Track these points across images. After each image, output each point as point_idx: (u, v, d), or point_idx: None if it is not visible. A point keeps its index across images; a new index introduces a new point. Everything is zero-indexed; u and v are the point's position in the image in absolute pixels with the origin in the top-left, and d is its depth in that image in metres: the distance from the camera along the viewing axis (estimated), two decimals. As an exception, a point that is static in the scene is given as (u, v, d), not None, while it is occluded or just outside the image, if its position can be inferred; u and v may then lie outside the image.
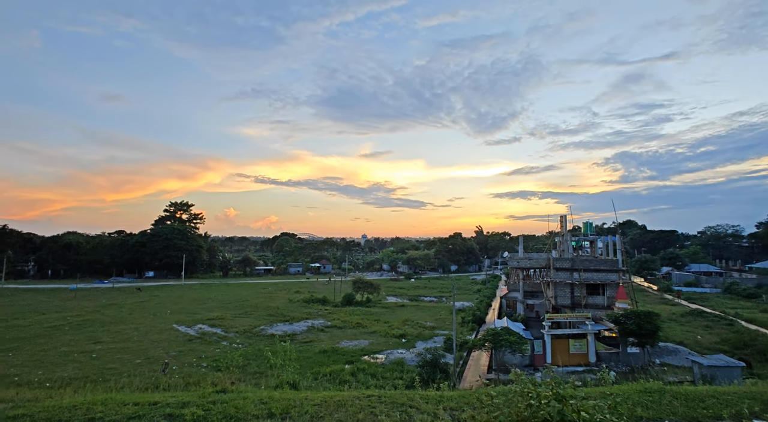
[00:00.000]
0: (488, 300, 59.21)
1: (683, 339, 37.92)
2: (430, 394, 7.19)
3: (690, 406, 5.79)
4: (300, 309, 55.34)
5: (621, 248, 39.38)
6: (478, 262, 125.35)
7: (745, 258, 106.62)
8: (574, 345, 32.91)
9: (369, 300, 61.80)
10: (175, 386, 21.03)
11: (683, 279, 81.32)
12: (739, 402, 5.86)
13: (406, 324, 44.66)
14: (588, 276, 37.98)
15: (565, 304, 38.38)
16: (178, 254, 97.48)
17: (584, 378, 25.55)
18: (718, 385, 8.26)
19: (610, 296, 37.95)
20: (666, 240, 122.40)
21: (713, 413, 5.61)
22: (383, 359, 32.64)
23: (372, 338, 39.27)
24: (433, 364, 26.74)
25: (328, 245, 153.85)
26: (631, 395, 6.20)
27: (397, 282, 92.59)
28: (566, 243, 43.08)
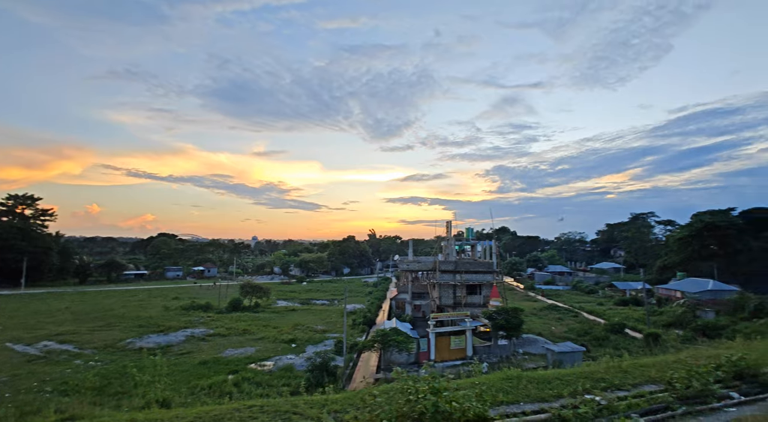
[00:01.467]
0: (379, 302, 61.08)
1: (541, 330, 43.78)
2: (315, 399, 7.10)
3: (540, 388, 6.73)
4: (178, 317, 50.20)
5: (496, 252, 44.21)
6: (370, 265, 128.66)
7: (588, 260, 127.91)
8: (454, 342, 35.69)
9: (258, 305, 58.95)
10: (5, 419, 17.27)
11: (543, 278, 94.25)
12: (576, 381, 6.99)
13: (296, 329, 43.64)
14: (468, 278, 41.68)
15: (448, 304, 41.49)
16: (16, 257, 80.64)
17: (461, 371, 27.95)
18: (564, 368, 9.76)
19: (485, 295, 42.14)
20: (531, 245, 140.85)
21: (557, 392, 6.59)
22: (271, 366, 31.38)
23: (260, 344, 37.49)
24: (322, 368, 26.56)
25: (214, 247, 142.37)
26: (495, 383, 6.96)
27: (289, 286, 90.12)
28: (451, 248, 46.78)
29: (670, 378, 6.87)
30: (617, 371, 7.66)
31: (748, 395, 6.61)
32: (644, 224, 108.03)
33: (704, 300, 54.15)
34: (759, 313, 42.88)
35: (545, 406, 6.00)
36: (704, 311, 49.63)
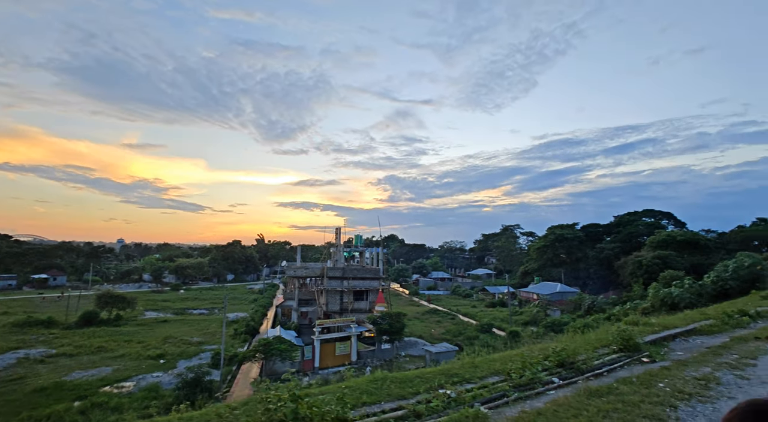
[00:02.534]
0: (264, 309, 58.50)
1: (422, 332, 46.54)
2: (171, 418, 6.51)
3: (402, 387, 7.19)
4: (7, 336, 41.33)
5: (383, 259, 45.91)
6: (257, 271, 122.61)
7: (467, 267, 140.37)
8: (339, 348, 35.90)
9: (119, 317, 51.66)
10: None
11: (426, 284, 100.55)
12: (434, 378, 7.64)
13: (166, 343, 39.33)
14: (355, 284, 42.44)
15: (335, 310, 41.63)
16: None
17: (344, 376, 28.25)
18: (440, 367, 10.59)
19: (371, 301, 43.34)
20: (418, 252, 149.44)
21: (415, 390, 7.12)
22: (131, 387, 27.74)
23: (119, 363, 32.89)
24: (194, 384, 24.40)
25: (64, 251, 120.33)
26: (360, 385, 7.23)
27: (162, 295, 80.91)
28: (339, 254, 47.17)
29: (509, 369, 7.93)
30: (470, 366, 8.57)
31: (566, 379, 7.95)
32: (512, 235, 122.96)
33: (553, 300, 63.54)
34: (591, 310, 51.77)
35: (403, 403, 6.43)
36: (553, 310, 58.20)
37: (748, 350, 10.52)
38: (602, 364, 9.05)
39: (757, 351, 10.46)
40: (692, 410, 6.20)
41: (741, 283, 35.45)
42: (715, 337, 12.77)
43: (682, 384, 7.41)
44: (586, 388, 6.90)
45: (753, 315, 17.01)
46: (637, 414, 5.89)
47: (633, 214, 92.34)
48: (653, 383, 7.45)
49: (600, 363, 9.11)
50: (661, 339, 11.93)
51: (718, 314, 16.90)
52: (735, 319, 15.72)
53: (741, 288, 35.00)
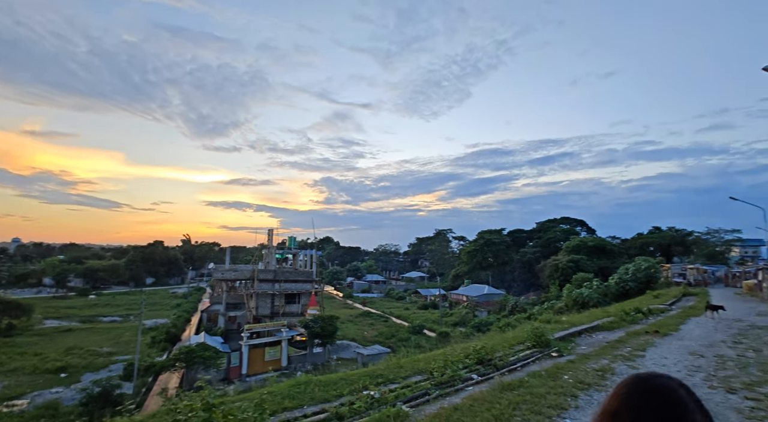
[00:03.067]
0: (188, 315, 54.79)
1: (355, 335, 46.50)
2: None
3: (326, 390, 7.13)
4: None
5: (316, 261, 45.24)
6: (182, 274, 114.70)
7: (401, 270, 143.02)
8: (269, 353, 34.67)
9: (12, 327, 45.47)
10: None
11: (361, 287, 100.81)
12: (359, 380, 7.67)
13: (70, 354, 35.31)
14: (287, 287, 41.34)
15: (265, 314, 40.19)
16: None
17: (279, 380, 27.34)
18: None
19: (304, 304, 42.48)
20: (353, 255, 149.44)
21: (340, 392, 7.09)
22: (25, 404, 24.52)
23: (10, 379, 28.96)
24: (101, 398, 22.17)
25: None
26: (283, 390, 7.05)
27: (66, 301, 72.58)
28: (271, 256, 45.68)
29: (432, 368, 8.19)
30: (395, 367, 8.72)
31: (484, 375, 8.39)
32: (444, 239, 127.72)
33: (481, 302, 66.84)
34: (514, 310, 55.24)
35: (326, 406, 6.37)
36: (480, 311, 61.25)
37: (639, 343, 11.87)
38: (517, 360, 9.69)
39: (646, 343, 11.84)
40: (590, 398, 6.85)
41: (638, 284, 39.85)
42: (614, 333, 14.24)
43: (584, 375, 8.17)
44: (501, 383, 7.33)
45: (645, 312, 19.23)
46: (543, 405, 6.38)
47: (552, 221, 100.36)
48: (559, 375, 8.12)
49: (515, 359, 9.74)
50: (570, 336, 13.05)
51: (618, 312, 18.88)
52: (631, 316, 17.66)
53: (638, 288, 39.35)
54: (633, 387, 1.08)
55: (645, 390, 1.06)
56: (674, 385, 1.08)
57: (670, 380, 1.10)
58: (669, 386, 1.06)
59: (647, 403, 1.03)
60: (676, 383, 1.09)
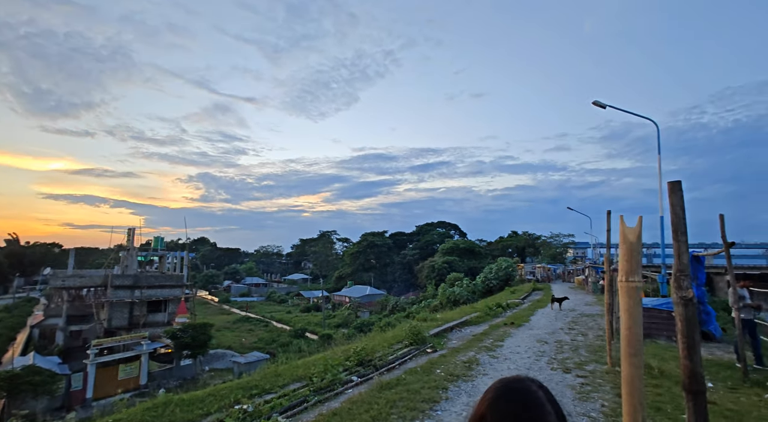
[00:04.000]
0: (11, 332, 44.62)
1: (232, 343, 43.37)
2: None
3: (189, 410, 6.34)
4: None
5: (188, 264, 40.94)
6: (5, 282, 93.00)
7: (283, 272, 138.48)
8: (124, 370, 30.16)
9: None
10: None
11: (240, 290, 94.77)
12: (230, 394, 7.03)
13: None
14: (152, 293, 36.55)
15: (121, 325, 34.86)
16: None
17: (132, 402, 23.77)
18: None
19: (171, 312, 38.05)
20: (231, 257, 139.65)
21: (207, 410, 6.39)
22: None
23: None
24: None
25: None
26: (134, 415, 6.05)
27: None
28: (132, 258, 39.90)
29: (312, 374, 7.94)
30: (272, 375, 8.24)
31: (364, 376, 8.44)
32: (329, 240, 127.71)
33: (364, 302, 68.43)
34: (394, 310, 57.81)
35: (189, 429, 5.65)
36: (363, 311, 62.64)
37: (499, 334, 13.33)
38: (395, 358, 10.00)
39: (504, 334, 13.34)
40: (458, 389, 7.37)
41: (500, 282, 45.12)
42: (480, 326, 15.77)
43: (453, 368, 8.79)
44: (380, 383, 7.44)
45: (505, 306, 21.80)
46: (417, 400, 6.63)
47: (430, 225, 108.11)
48: (433, 370, 8.60)
49: (393, 357, 10.05)
50: (443, 331, 14.04)
51: (483, 307, 21.01)
52: (493, 311, 19.82)
53: (500, 285, 44.57)
54: (498, 392, 1.15)
55: (508, 394, 1.14)
56: (534, 387, 1.16)
57: (531, 382, 1.19)
58: (529, 389, 1.15)
59: (509, 407, 1.11)
60: (537, 385, 1.18)
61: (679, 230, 2.49)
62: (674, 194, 2.52)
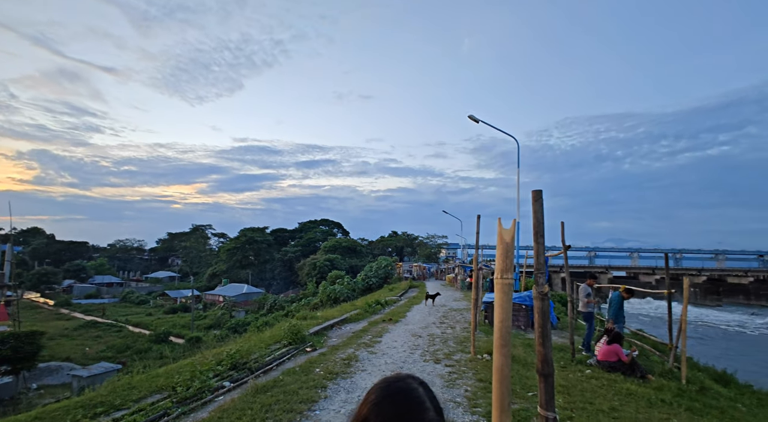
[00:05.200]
0: None
1: (72, 353, 36.73)
2: None
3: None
4: None
5: (11, 259, 33.26)
6: None
7: (145, 270, 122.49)
8: None
9: None
10: None
11: (85, 291, 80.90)
12: (65, 415, 5.86)
13: None
14: (-45, 296, 28.81)
15: None
16: None
17: None
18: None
19: (-15, 318, 30.56)
20: (75, 252, 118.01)
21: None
22: None
23: None
24: None
25: None
26: None
27: None
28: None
29: (175, 383, 7.11)
30: (124, 388, 7.14)
31: (237, 381, 7.89)
32: (203, 235, 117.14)
33: (239, 301, 64.54)
34: (273, 309, 55.73)
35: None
36: (238, 311, 59.01)
37: (378, 331, 13.80)
38: (273, 359, 9.59)
39: (383, 330, 13.86)
40: (337, 386, 7.38)
41: (379, 280, 46.90)
42: (359, 323, 16.12)
43: (333, 366, 8.78)
44: (254, 386, 7.03)
45: (383, 303, 22.71)
46: (295, 401, 6.44)
47: (313, 222, 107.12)
48: (311, 369, 8.47)
49: (271, 358, 9.63)
50: (323, 330, 13.97)
51: (363, 305, 21.55)
52: (373, 308, 20.47)
53: (379, 283, 46.33)
54: (380, 393, 1.15)
55: (390, 394, 1.14)
56: (415, 384, 1.19)
57: (412, 380, 1.21)
58: (410, 387, 1.17)
59: (392, 408, 1.11)
60: (417, 381, 1.21)
61: (539, 233, 2.85)
62: (536, 202, 2.87)
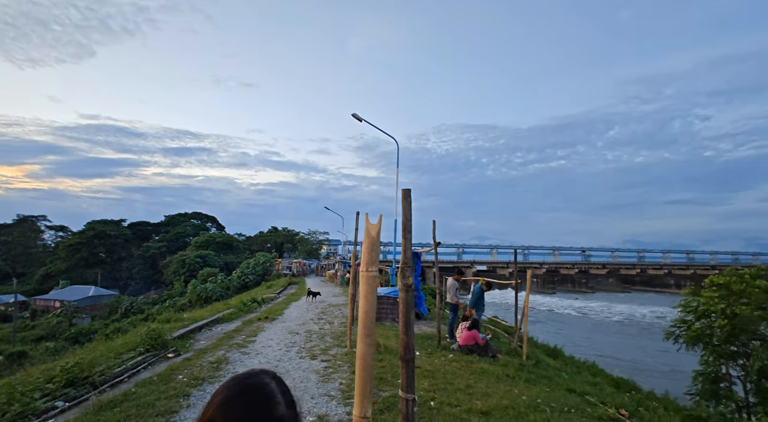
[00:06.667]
0: None
1: None
2: None
3: None
4: None
5: None
6: None
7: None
8: None
9: None
10: None
11: None
12: None
13: None
14: None
15: None
16: None
17: None
18: None
19: None
20: None
21: None
22: None
23: None
24: None
25: None
26: None
27: None
28: None
29: (-15, 409, 5.72)
30: None
31: (76, 399, 6.71)
32: (33, 228, 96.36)
33: (84, 306, 55.03)
34: (129, 312, 48.89)
35: None
36: (81, 318, 50.24)
37: (252, 330, 13.16)
38: (125, 370, 8.41)
39: (258, 329, 13.26)
40: (203, 393, 6.81)
41: (257, 277, 44.82)
42: (232, 323, 15.15)
43: (199, 371, 8.08)
44: (98, 402, 6.05)
45: (260, 301, 21.75)
46: (150, 415, 5.74)
47: (183, 215, 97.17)
48: (173, 377, 7.65)
49: (122, 369, 8.42)
50: (190, 332, 12.76)
51: (237, 303, 20.34)
52: (248, 306, 19.46)
53: (256, 280, 44.26)
54: (228, 392, 1.08)
55: (238, 392, 1.08)
56: (267, 379, 1.13)
57: (264, 374, 1.16)
58: (261, 382, 1.12)
59: (240, 406, 1.04)
60: (270, 376, 1.16)
61: (407, 229, 3.03)
62: (405, 200, 3.06)
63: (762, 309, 10.15)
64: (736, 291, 10.68)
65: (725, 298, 10.88)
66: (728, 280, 11.01)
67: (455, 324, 12.53)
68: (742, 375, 10.31)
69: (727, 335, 10.42)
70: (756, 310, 10.04)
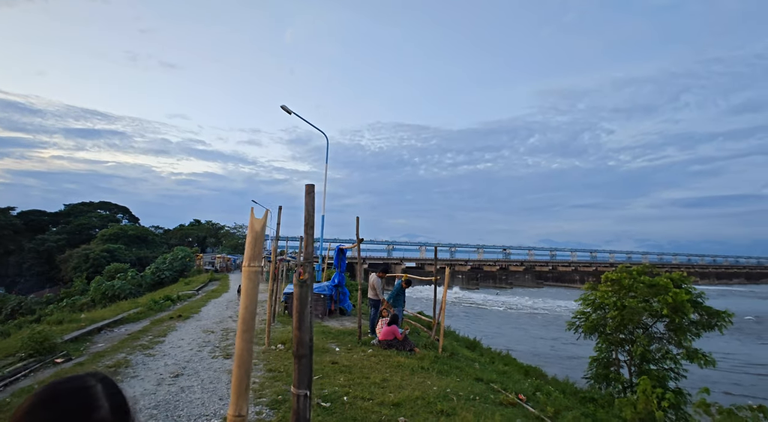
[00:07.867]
0: None
1: None
2: None
3: None
4: None
5: None
6: None
7: None
8: None
9: None
10: None
11: None
12: None
13: None
14: None
15: None
16: None
17: None
18: None
19: None
20: None
21: None
22: None
23: None
24: None
25: None
26: None
27: None
28: None
29: None
30: None
31: (-71, 415, 5.73)
32: None
33: (-43, 307, 47.28)
34: (16, 313, 42.94)
35: None
36: (-47, 320, 43.16)
37: (162, 330, 12.24)
38: (0, 378, 7.37)
39: (168, 329, 12.36)
40: (94, 401, 6.18)
41: (174, 273, 41.84)
42: (139, 323, 13.96)
43: (92, 376, 7.32)
44: (-43, 419, 5.24)
45: (175, 299, 20.30)
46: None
47: (88, 205, 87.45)
48: (59, 384, 6.85)
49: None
50: (87, 334, 11.54)
51: (147, 301, 18.79)
52: (160, 304, 18.06)
53: (173, 276, 41.30)
54: (33, 399, 0.96)
55: (45, 398, 0.96)
56: (90, 383, 1.03)
57: (90, 378, 1.05)
58: (80, 386, 1.01)
59: (42, 413, 0.93)
60: (97, 378, 1.06)
61: (309, 225, 2.99)
62: (308, 195, 3.01)
63: (645, 301, 11.65)
64: (626, 286, 12.15)
65: (617, 292, 12.35)
66: (619, 276, 12.51)
67: (376, 320, 12.72)
68: (627, 359, 11.77)
69: (617, 325, 11.82)
70: (641, 302, 11.51)
